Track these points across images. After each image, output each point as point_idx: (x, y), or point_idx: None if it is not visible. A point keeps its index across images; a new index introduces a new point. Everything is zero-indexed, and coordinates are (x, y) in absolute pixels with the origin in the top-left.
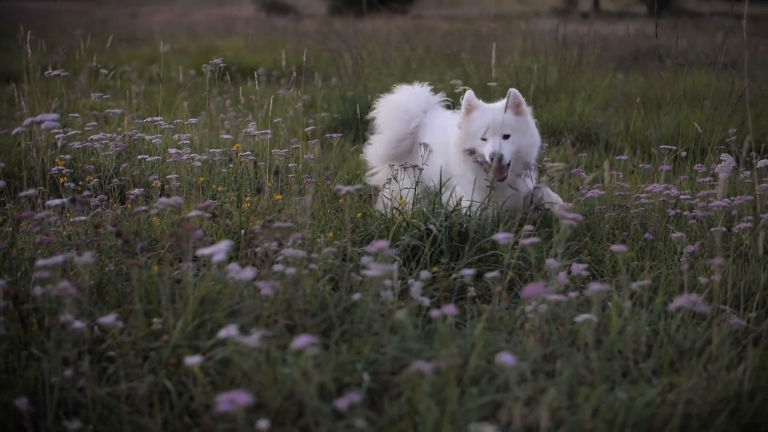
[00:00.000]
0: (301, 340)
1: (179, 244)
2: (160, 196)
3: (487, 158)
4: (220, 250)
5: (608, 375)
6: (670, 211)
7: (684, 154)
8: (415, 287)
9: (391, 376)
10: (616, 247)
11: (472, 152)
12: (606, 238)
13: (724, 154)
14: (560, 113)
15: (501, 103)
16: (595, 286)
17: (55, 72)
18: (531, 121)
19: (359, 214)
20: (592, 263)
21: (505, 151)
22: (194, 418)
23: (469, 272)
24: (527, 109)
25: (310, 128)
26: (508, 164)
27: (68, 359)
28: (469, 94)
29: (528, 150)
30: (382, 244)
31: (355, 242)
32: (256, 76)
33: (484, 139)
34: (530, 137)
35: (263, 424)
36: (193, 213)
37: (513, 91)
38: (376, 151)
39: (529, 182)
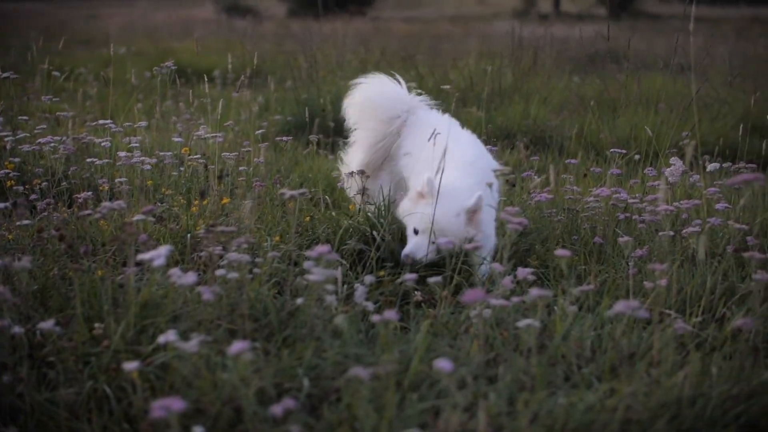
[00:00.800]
0: (237, 346)
1: (122, 249)
2: (110, 199)
3: (402, 256)
4: (160, 254)
5: (550, 380)
6: (619, 214)
7: (637, 157)
8: (360, 291)
9: (332, 382)
10: (560, 252)
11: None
12: (556, 242)
13: (673, 158)
14: (514, 116)
15: (459, 197)
16: (535, 291)
17: (5, 74)
18: (482, 232)
19: (307, 218)
20: (540, 267)
21: (420, 254)
22: (133, 424)
23: (411, 277)
24: (485, 217)
25: (261, 131)
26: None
27: (7, 364)
28: (430, 181)
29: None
30: (324, 248)
31: (303, 246)
32: (206, 78)
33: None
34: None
35: (198, 430)
36: (137, 217)
37: (478, 195)
38: (354, 158)
39: None
